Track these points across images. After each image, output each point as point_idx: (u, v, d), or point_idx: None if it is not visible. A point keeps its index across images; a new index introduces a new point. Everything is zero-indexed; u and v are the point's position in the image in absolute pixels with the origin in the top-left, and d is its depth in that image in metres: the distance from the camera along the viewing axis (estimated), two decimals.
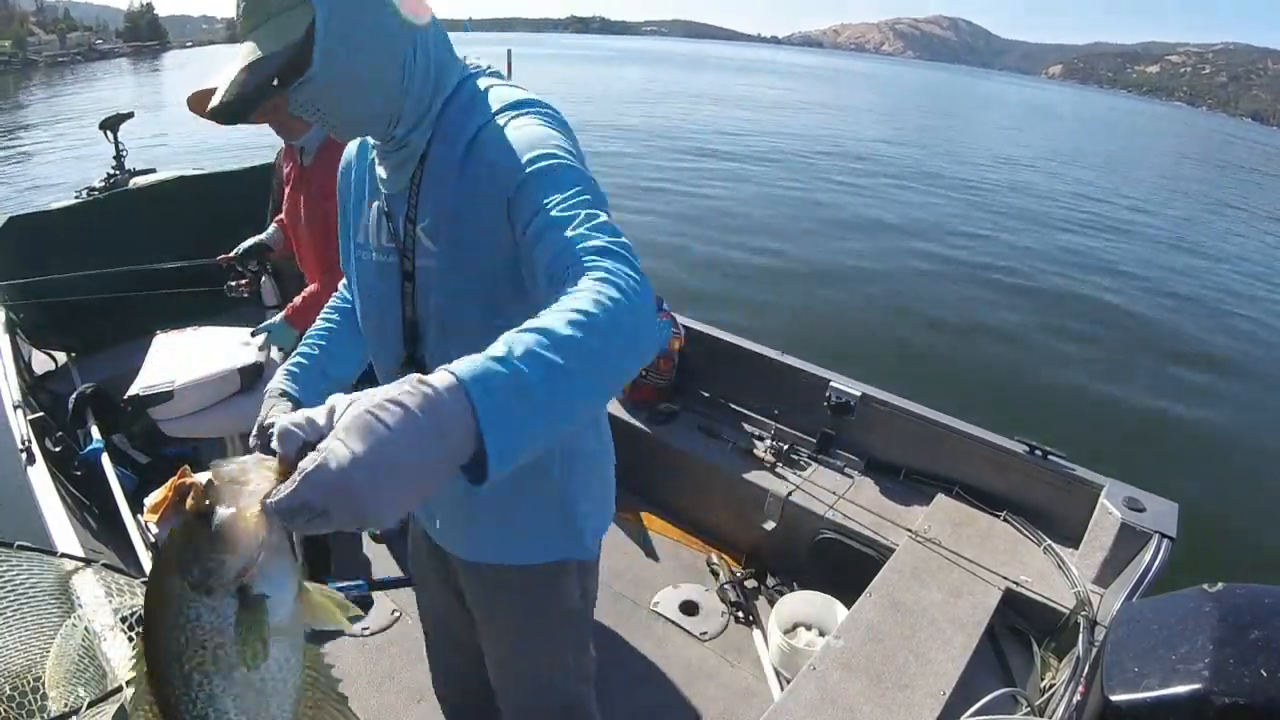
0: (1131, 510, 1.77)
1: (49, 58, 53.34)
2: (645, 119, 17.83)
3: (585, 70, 36.57)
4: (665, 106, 20.99)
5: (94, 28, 74.81)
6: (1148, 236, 8.89)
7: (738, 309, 5.23)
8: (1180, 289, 6.72)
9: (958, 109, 34.74)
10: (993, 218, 9.01)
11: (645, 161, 11.52)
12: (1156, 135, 36.75)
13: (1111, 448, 3.94)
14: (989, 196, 10.66)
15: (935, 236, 7.76)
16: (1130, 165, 18.55)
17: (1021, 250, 7.46)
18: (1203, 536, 2.71)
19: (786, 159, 12.56)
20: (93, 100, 20.13)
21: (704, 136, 14.58)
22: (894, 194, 9.99)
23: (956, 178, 11.95)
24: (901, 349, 5.11)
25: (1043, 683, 1.63)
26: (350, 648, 1.91)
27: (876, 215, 8.51)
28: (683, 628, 2.03)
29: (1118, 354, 5.32)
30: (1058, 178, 13.04)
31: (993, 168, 13.42)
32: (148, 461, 2.35)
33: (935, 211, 8.99)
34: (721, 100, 25.01)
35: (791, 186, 10.15)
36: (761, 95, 28.73)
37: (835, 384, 2.30)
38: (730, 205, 8.76)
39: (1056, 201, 10.57)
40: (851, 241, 7.43)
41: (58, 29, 64.48)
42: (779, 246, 7.10)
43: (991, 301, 6.06)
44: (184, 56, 58.73)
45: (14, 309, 2.58)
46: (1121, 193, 12.55)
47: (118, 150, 3.35)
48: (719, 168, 11.08)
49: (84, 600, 1.33)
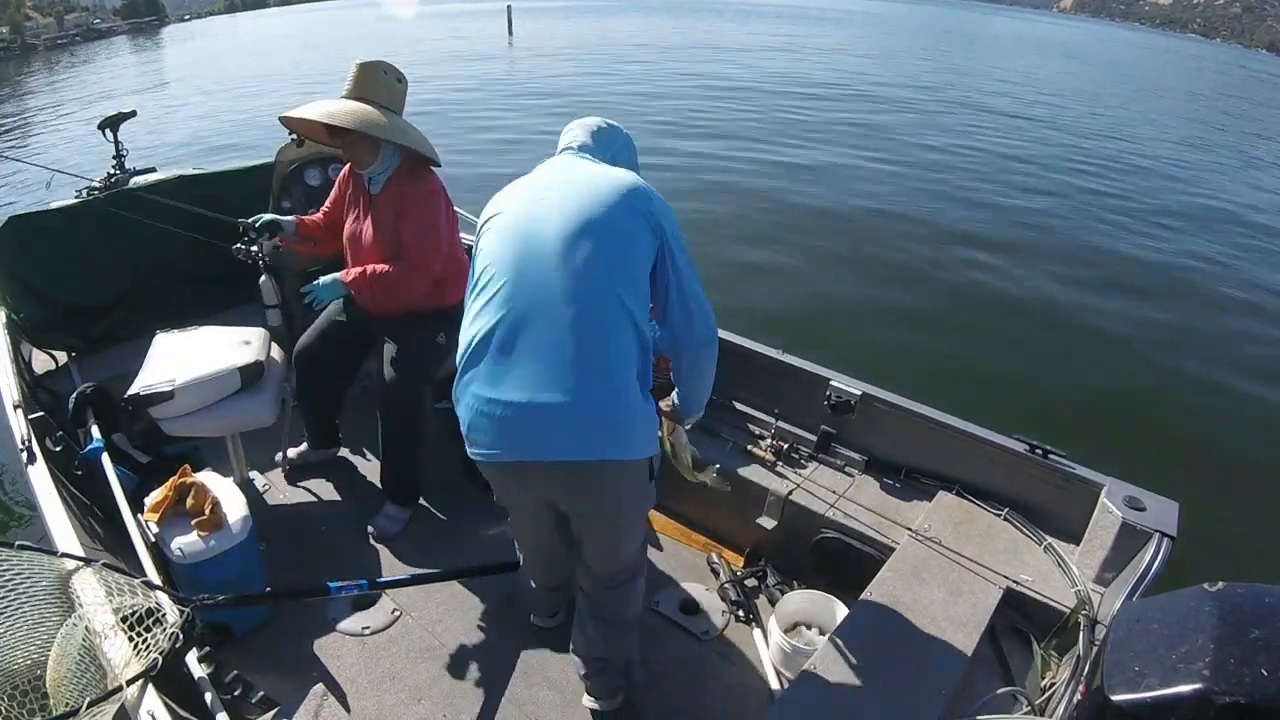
0: (1132, 509, 1.77)
1: (48, 41, 53.13)
2: (645, 76, 17.44)
3: (587, 24, 36.04)
4: (661, 61, 20.43)
5: (90, 8, 74.60)
6: (1158, 221, 8.76)
7: (738, 308, 5.22)
8: (1187, 284, 6.70)
9: (972, 51, 33.59)
10: (997, 192, 8.85)
11: (648, 131, 11.41)
12: (1183, 75, 35.53)
13: (1111, 447, 3.94)
14: (996, 164, 10.44)
15: (934, 223, 7.69)
16: (1160, 120, 17.56)
17: (1023, 244, 7.43)
18: (1203, 536, 2.70)
19: (786, 123, 12.14)
20: (94, 90, 19.98)
21: (702, 100, 14.08)
22: (895, 167, 9.80)
23: (963, 145, 11.58)
24: (901, 349, 5.11)
25: (1043, 682, 1.63)
26: (350, 647, 1.91)
27: (873, 197, 8.42)
28: (683, 627, 2.03)
29: (1118, 353, 5.31)
30: (1075, 144, 12.58)
31: (1007, 132, 12.91)
32: (148, 461, 2.35)
33: (935, 191, 8.84)
34: (720, 49, 23.94)
35: (793, 159, 9.92)
36: (763, 43, 27.64)
37: (835, 383, 2.30)
38: (726, 182, 8.64)
39: (1072, 174, 10.32)
40: (850, 237, 7.41)
41: (54, 11, 64.21)
42: (778, 238, 7.07)
43: (992, 301, 6.06)
44: (183, 30, 58.42)
45: (14, 309, 2.58)
46: (1143, 164, 12.17)
47: (118, 150, 3.35)
48: (715, 144, 10.79)
49: (84, 600, 1.33)
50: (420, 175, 2.12)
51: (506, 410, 1.34)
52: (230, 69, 21.63)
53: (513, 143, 10.73)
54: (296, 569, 2.11)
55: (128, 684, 1.21)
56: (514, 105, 13.75)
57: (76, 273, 2.72)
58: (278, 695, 1.69)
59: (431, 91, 14.75)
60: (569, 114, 1.76)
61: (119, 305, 2.86)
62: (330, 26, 42.36)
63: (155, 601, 1.40)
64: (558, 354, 1.32)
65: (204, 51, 33.49)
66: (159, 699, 1.23)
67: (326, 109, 2.01)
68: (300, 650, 1.88)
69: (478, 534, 2.31)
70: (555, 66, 19.43)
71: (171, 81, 21.25)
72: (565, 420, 1.32)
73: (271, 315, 2.80)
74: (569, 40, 27.18)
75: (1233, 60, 61.46)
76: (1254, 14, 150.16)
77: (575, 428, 1.32)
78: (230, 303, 3.04)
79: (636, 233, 1.40)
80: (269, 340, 2.44)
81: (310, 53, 25.76)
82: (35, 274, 2.65)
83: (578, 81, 16.81)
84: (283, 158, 2.88)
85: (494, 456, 1.39)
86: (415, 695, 1.78)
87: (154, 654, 1.28)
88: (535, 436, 1.34)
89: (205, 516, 1.79)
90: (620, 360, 1.35)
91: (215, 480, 1.94)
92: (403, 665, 1.86)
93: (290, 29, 42.81)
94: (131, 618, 1.33)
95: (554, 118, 13.12)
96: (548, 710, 1.78)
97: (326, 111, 2.00)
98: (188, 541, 1.76)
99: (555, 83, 16.34)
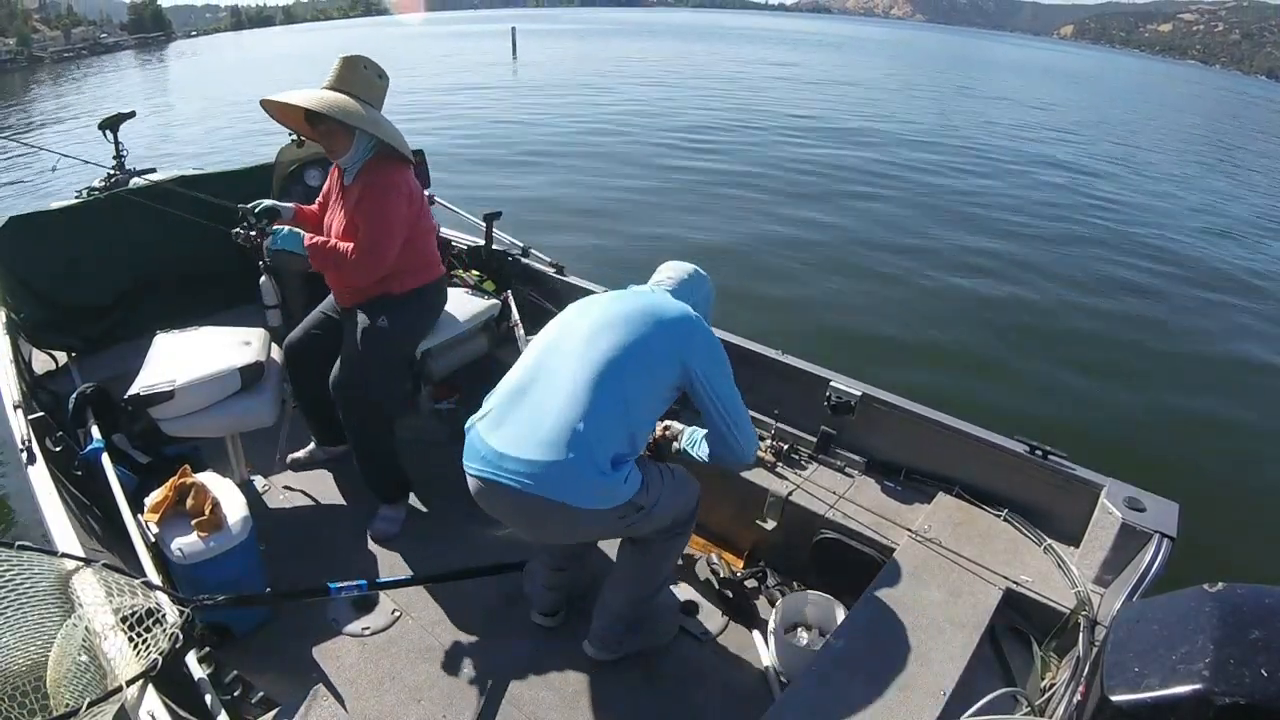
0: (1132, 510, 1.77)
1: (54, 54, 53.35)
2: (645, 97, 17.60)
3: (592, 45, 36.12)
4: (663, 83, 20.51)
5: (98, 22, 74.77)
6: (1163, 223, 8.78)
7: (738, 308, 5.22)
8: (1187, 284, 6.71)
9: (973, 77, 33.63)
10: (1005, 205, 8.91)
11: (644, 141, 11.45)
12: (1191, 100, 35.59)
13: (1111, 447, 3.94)
14: (1002, 181, 10.51)
15: (938, 230, 7.73)
16: (1165, 141, 17.70)
17: (1025, 242, 7.44)
18: (1203, 536, 2.70)
19: (783, 145, 12.32)
20: (98, 100, 20.07)
21: (700, 120, 14.25)
22: (895, 184, 9.90)
23: (964, 163, 11.66)
24: (901, 348, 5.11)
25: (1043, 683, 1.63)
26: (350, 648, 1.91)
27: (875, 203, 8.49)
28: (683, 627, 2.03)
29: (1118, 352, 5.32)
30: (1081, 166, 12.67)
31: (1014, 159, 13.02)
32: (148, 461, 2.35)
33: (941, 201, 8.92)
34: (719, 78, 24.08)
35: (794, 176, 10.03)
36: (759, 70, 27.84)
37: (835, 384, 2.30)
38: (731, 197, 8.70)
39: (1073, 189, 10.37)
40: (852, 235, 7.42)
41: (61, 24, 64.39)
42: (780, 241, 7.09)
43: (992, 301, 6.07)
44: (189, 46, 58.66)
45: (14, 309, 2.58)
46: (1145, 172, 12.26)
47: (118, 150, 3.35)
48: (712, 158, 10.93)
49: (84, 600, 1.33)
50: (387, 168, 2.13)
51: (489, 451, 1.57)
52: (236, 84, 21.76)
53: (519, 151, 10.78)
54: (296, 569, 2.11)
55: (128, 684, 1.21)
56: (516, 119, 13.81)
57: (76, 273, 2.72)
58: (278, 695, 1.69)
59: (433, 106, 14.86)
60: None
61: (119, 305, 2.86)
62: (341, 44, 42.48)
63: (155, 602, 1.40)
64: (543, 418, 1.53)
65: (212, 66, 33.66)
66: (159, 699, 1.23)
67: (304, 95, 2.05)
68: (300, 650, 1.88)
69: (478, 534, 2.31)
70: (557, 86, 19.56)
71: (176, 81, 21.25)
72: (530, 462, 1.51)
73: (271, 315, 2.80)
74: (572, 62, 27.24)
75: (1230, 86, 61.51)
76: (1253, 40, 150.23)
77: (534, 468, 1.50)
78: (230, 303, 3.04)
79: (662, 354, 1.60)
80: (269, 340, 2.44)
81: (314, 68, 25.92)
82: (35, 274, 2.65)
83: (579, 100, 16.89)
84: (283, 158, 2.89)
85: (470, 469, 1.61)
86: (415, 695, 1.78)
87: (154, 654, 1.28)
88: (499, 465, 1.54)
89: (205, 517, 1.79)
90: (597, 436, 1.51)
91: (215, 481, 1.94)
92: (402, 666, 1.86)
93: (293, 48, 42.91)
94: (131, 618, 1.33)
95: (558, 118, 13.21)
96: (548, 710, 1.78)
97: (303, 96, 2.05)
98: (188, 542, 1.76)
99: (557, 104, 16.38)
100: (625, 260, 6.20)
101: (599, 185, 8.82)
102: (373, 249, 2.09)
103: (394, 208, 2.11)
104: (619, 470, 1.54)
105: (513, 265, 3.13)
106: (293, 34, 70.99)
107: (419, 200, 2.24)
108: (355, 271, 2.13)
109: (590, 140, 11.52)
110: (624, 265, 5.87)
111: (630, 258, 6.30)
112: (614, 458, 1.53)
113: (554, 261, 3.11)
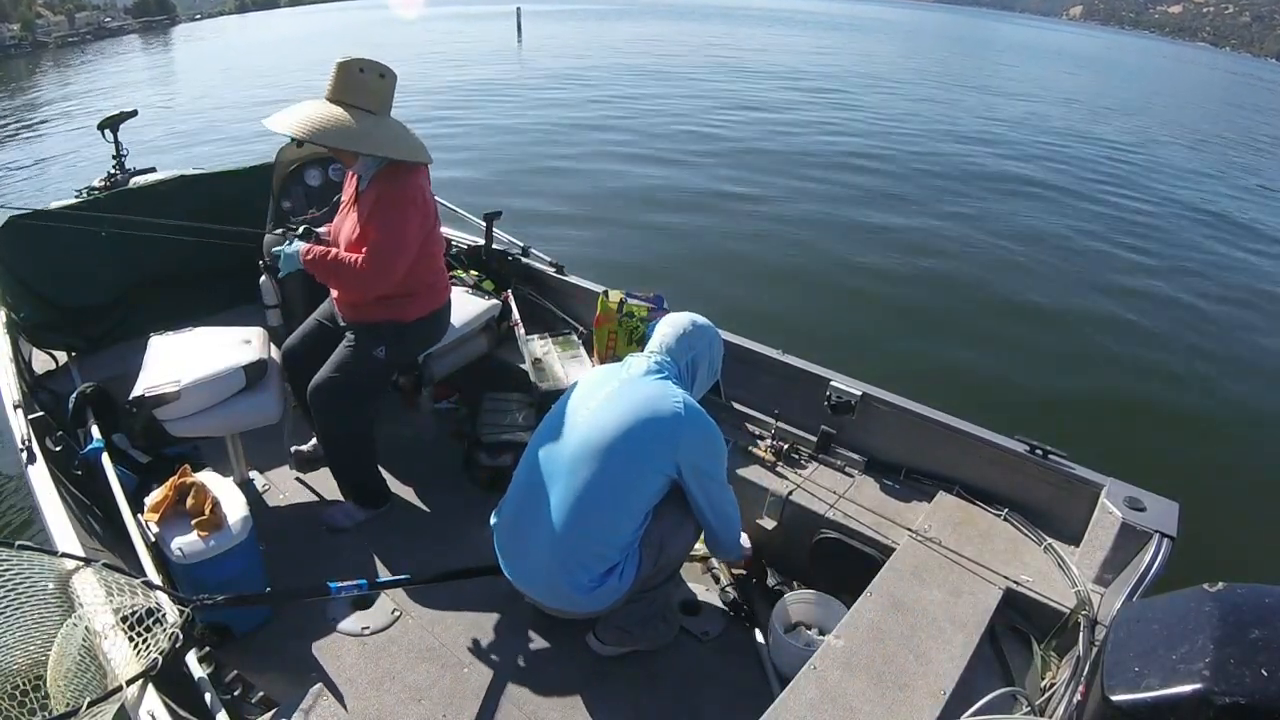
0: (1132, 510, 1.77)
1: (59, 39, 53.24)
2: (654, 82, 17.41)
3: (598, 27, 35.80)
4: (672, 71, 20.40)
5: (102, 6, 74.69)
6: (1172, 222, 8.75)
7: (738, 307, 5.22)
8: (1186, 285, 6.70)
9: (984, 60, 33.37)
10: (1008, 203, 8.90)
11: (649, 137, 11.38)
12: (1205, 86, 35.23)
13: (1111, 447, 3.94)
14: (994, 167, 10.48)
15: (935, 224, 7.71)
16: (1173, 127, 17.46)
17: (1027, 241, 7.43)
18: (1203, 536, 2.70)
19: (789, 139, 12.22)
20: (104, 90, 19.94)
21: (703, 112, 14.18)
22: (901, 179, 9.83)
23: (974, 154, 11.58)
24: (901, 348, 5.11)
25: (1043, 682, 1.63)
26: (350, 647, 1.91)
27: (879, 201, 8.47)
28: (683, 627, 2.03)
29: (1119, 352, 5.31)
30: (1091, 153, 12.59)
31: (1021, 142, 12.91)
32: (148, 461, 2.35)
33: (942, 196, 8.89)
34: (727, 57, 23.80)
35: (795, 172, 9.97)
36: (766, 50, 27.41)
37: (835, 383, 2.30)
38: (732, 192, 8.66)
39: (1084, 177, 10.31)
40: (853, 235, 7.41)
41: (65, 9, 64.26)
42: (781, 241, 7.08)
43: (992, 299, 6.06)
44: (194, 30, 58.20)
45: (14, 309, 2.58)
46: (1158, 167, 12.19)
47: (118, 150, 3.35)
48: (716, 148, 10.83)
49: (84, 600, 1.33)
50: (404, 178, 2.05)
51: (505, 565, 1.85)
52: (239, 70, 21.68)
53: (524, 143, 10.76)
54: (296, 569, 2.11)
55: (128, 684, 1.21)
56: (522, 104, 13.78)
57: (76, 273, 2.72)
58: (277, 695, 1.69)
59: (435, 93, 14.81)
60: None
61: (119, 305, 2.85)
62: (342, 27, 42.30)
63: (155, 601, 1.40)
64: (538, 551, 1.72)
65: (216, 49, 33.52)
66: (159, 699, 1.23)
67: (291, 122, 1.97)
68: (300, 650, 1.88)
69: (478, 534, 2.31)
70: (562, 69, 19.47)
71: (181, 66, 21.03)
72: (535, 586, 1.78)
73: (271, 315, 2.80)
74: (578, 44, 27.12)
75: (1241, 68, 61.29)
76: (1264, 23, 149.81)
77: (540, 590, 1.77)
78: (230, 303, 3.04)
79: (651, 464, 1.69)
80: (268, 339, 2.44)
81: (319, 51, 25.77)
82: (35, 274, 2.65)
83: (585, 80, 16.81)
84: (283, 158, 2.88)
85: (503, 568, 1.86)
86: (415, 695, 1.78)
87: (154, 654, 1.28)
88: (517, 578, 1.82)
89: (205, 516, 1.79)
90: (580, 562, 1.68)
91: (215, 480, 1.94)
92: (402, 665, 1.86)
93: (299, 30, 42.67)
94: (131, 618, 1.33)
95: (563, 112, 13.19)
96: (548, 710, 1.78)
97: (296, 120, 1.96)
98: (188, 541, 1.76)
99: (562, 87, 16.33)
100: (626, 260, 6.19)
101: (599, 185, 8.81)
102: (382, 263, 2.02)
103: (408, 223, 2.05)
104: (611, 577, 1.70)
105: (513, 265, 3.13)
106: (300, 15, 70.01)
107: (433, 214, 2.18)
108: (360, 284, 2.06)
109: (595, 139, 11.47)
110: (624, 265, 5.89)
111: (630, 257, 6.30)
112: (605, 570, 1.69)
113: (554, 261, 3.11)
